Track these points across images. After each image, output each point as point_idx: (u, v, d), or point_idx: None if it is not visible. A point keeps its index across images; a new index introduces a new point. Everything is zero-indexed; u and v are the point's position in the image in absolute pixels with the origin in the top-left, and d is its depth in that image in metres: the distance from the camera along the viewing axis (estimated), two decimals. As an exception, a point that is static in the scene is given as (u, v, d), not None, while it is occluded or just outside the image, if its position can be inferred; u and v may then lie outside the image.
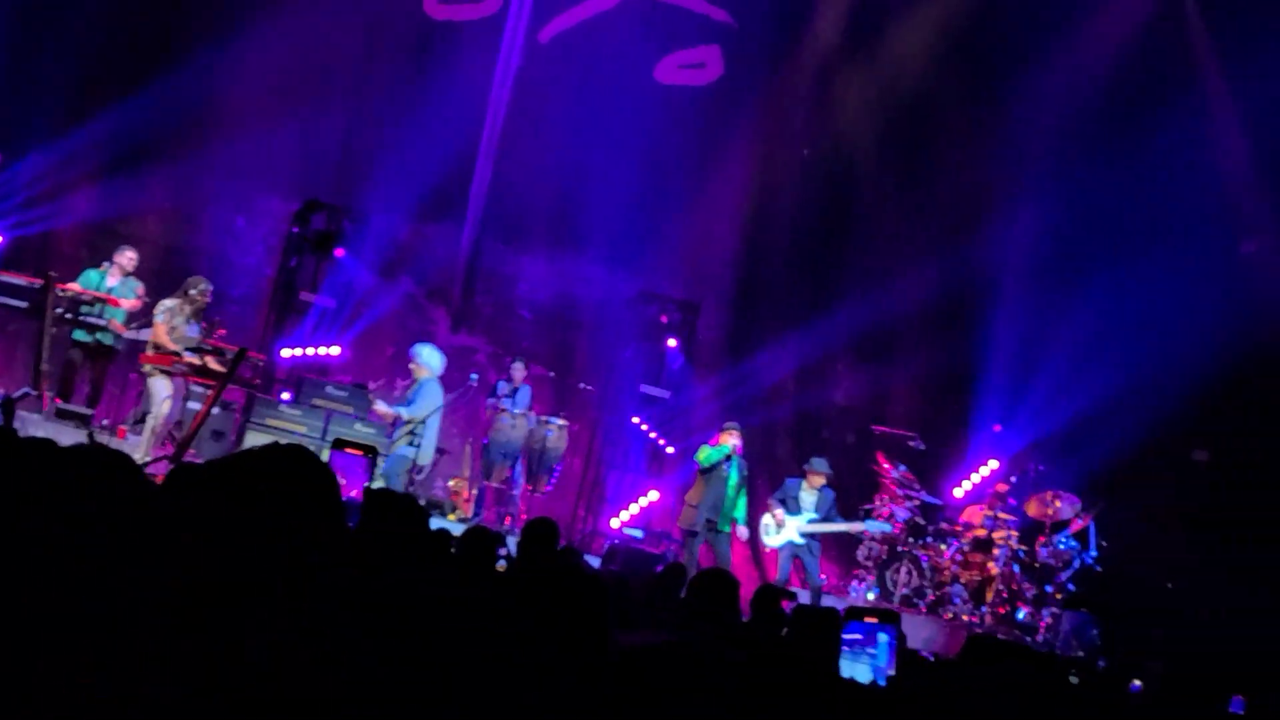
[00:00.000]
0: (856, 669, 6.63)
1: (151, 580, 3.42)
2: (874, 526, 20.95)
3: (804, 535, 19.96)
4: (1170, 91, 22.72)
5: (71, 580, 3.41)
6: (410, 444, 19.37)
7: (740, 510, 19.82)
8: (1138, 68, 23.20)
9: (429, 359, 19.90)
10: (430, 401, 19.60)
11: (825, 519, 20.15)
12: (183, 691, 3.25)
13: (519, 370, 21.61)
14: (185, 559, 3.48)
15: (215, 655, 3.33)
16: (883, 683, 6.47)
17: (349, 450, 7.67)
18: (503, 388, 21.47)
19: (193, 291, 18.71)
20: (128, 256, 19.86)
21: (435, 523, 12.79)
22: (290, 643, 3.39)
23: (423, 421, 19.41)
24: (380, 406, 19.65)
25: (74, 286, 19.50)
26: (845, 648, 6.68)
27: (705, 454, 19.78)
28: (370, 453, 7.43)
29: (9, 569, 3.45)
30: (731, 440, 19.71)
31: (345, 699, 3.37)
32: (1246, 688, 15.32)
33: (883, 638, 6.64)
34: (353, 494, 11.80)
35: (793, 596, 10.76)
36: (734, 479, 19.66)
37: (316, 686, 3.35)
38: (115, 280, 19.65)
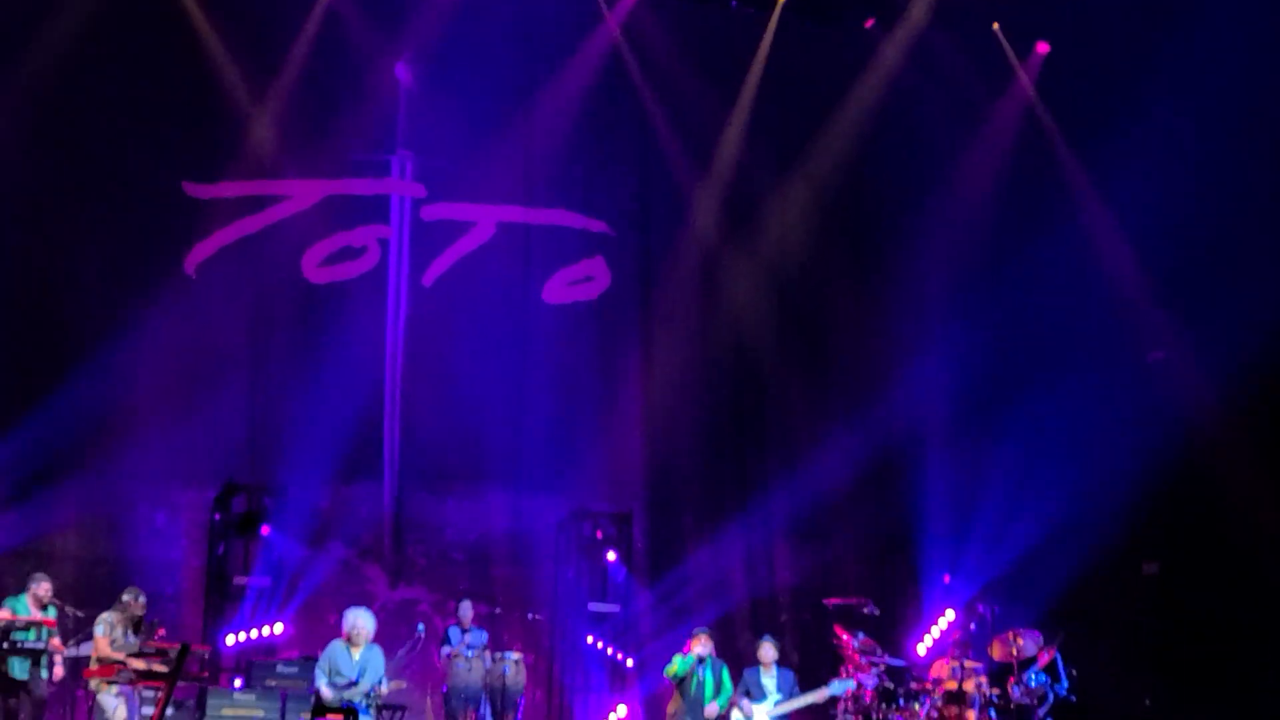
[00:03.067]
0: None
1: None
2: (838, 686, 20.70)
3: (774, 719, 19.84)
4: (1049, 216, 23.15)
5: None
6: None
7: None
8: (1013, 199, 23.67)
9: (370, 622, 19.61)
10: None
11: (790, 697, 20.05)
12: None
13: (467, 611, 21.47)
14: None
15: None
16: None
17: (330, 716, 7.59)
18: (455, 633, 21.27)
19: (127, 598, 18.57)
20: (44, 588, 19.44)
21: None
22: None
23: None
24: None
25: (4, 614, 19.18)
26: None
27: (673, 667, 19.70)
28: (350, 715, 7.36)
29: None
30: (698, 647, 19.63)
31: None
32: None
33: None
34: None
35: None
36: (710, 681, 19.56)
37: None
38: (36, 613, 19.30)
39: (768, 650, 20.25)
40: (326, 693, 18.41)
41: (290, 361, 24.05)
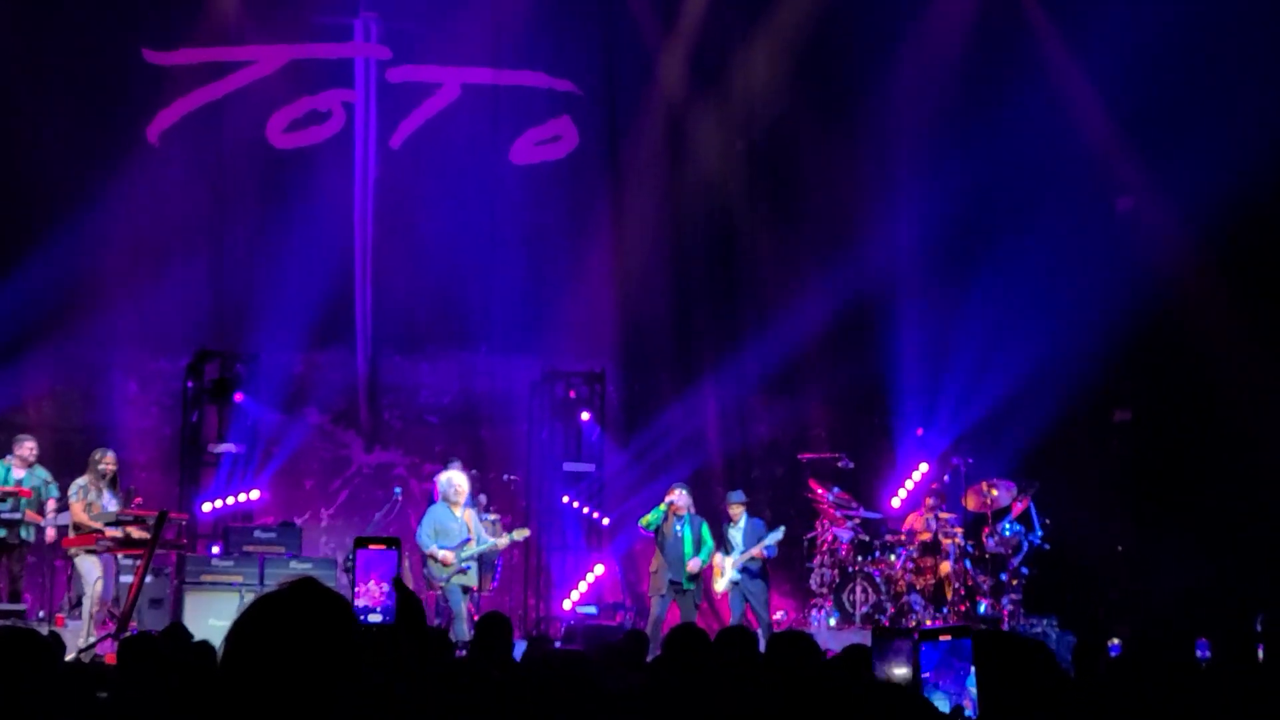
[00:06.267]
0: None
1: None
2: (771, 538, 20.51)
3: (740, 570, 19.89)
4: (1018, 66, 22.93)
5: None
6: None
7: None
8: (982, 49, 23.40)
9: (466, 481, 19.81)
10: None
11: (749, 546, 20.13)
12: None
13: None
14: None
15: None
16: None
17: (372, 547, 7.72)
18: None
19: (95, 456, 18.61)
20: (27, 447, 19.64)
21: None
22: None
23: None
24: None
25: (-17, 486, 19.26)
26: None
27: (646, 517, 19.79)
28: (393, 544, 7.43)
29: None
30: (669, 498, 19.68)
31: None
32: (1206, 630, 15.53)
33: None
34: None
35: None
36: (688, 537, 19.61)
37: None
38: (21, 472, 19.42)
39: (736, 501, 20.34)
40: (445, 555, 18.55)
41: (258, 228, 24.03)
